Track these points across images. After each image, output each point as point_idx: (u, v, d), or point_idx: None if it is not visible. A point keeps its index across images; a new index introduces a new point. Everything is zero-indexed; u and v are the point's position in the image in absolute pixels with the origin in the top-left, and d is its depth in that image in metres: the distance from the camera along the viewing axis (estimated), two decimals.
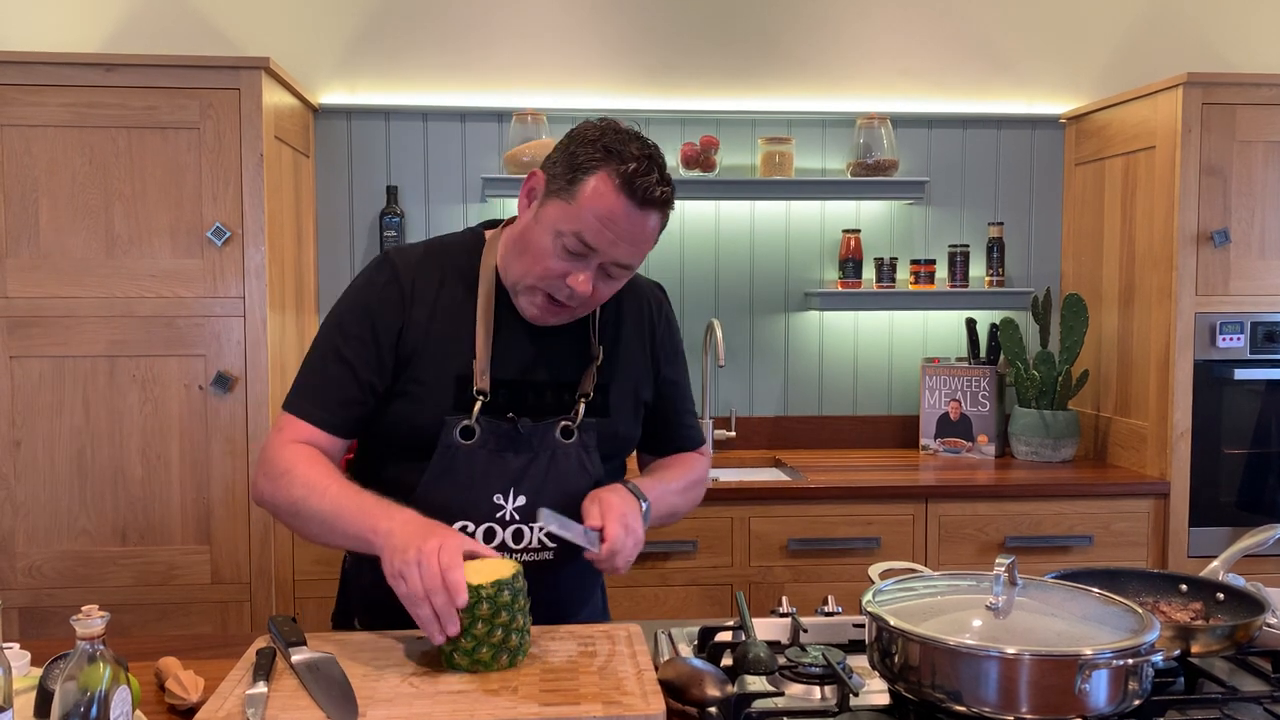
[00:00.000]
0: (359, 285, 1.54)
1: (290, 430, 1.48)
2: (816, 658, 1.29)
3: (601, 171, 1.39)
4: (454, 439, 1.47)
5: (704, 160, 3.08)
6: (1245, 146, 2.74)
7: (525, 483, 1.49)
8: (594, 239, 1.40)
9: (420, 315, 1.50)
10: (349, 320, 1.51)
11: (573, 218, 1.40)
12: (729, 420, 3.25)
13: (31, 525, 2.50)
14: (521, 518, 1.50)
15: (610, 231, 1.40)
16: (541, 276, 1.44)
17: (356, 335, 1.49)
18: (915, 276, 3.20)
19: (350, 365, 1.48)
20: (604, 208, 1.39)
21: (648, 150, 1.42)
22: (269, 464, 1.46)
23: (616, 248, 1.42)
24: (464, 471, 1.47)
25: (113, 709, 1.02)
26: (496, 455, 1.48)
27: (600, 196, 1.39)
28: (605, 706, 1.16)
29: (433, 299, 1.51)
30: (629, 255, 1.44)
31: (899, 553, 2.70)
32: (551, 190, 1.44)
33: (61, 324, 2.48)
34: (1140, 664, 1.11)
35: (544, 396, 1.53)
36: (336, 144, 3.13)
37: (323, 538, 1.43)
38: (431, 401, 1.48)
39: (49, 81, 2.44)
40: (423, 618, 1.25)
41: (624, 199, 1.39)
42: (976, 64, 3.27)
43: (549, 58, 3.16)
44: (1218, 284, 2.75)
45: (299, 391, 1.52)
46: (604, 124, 1.45)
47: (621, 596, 2.64)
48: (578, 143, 1.43)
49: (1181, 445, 2.75)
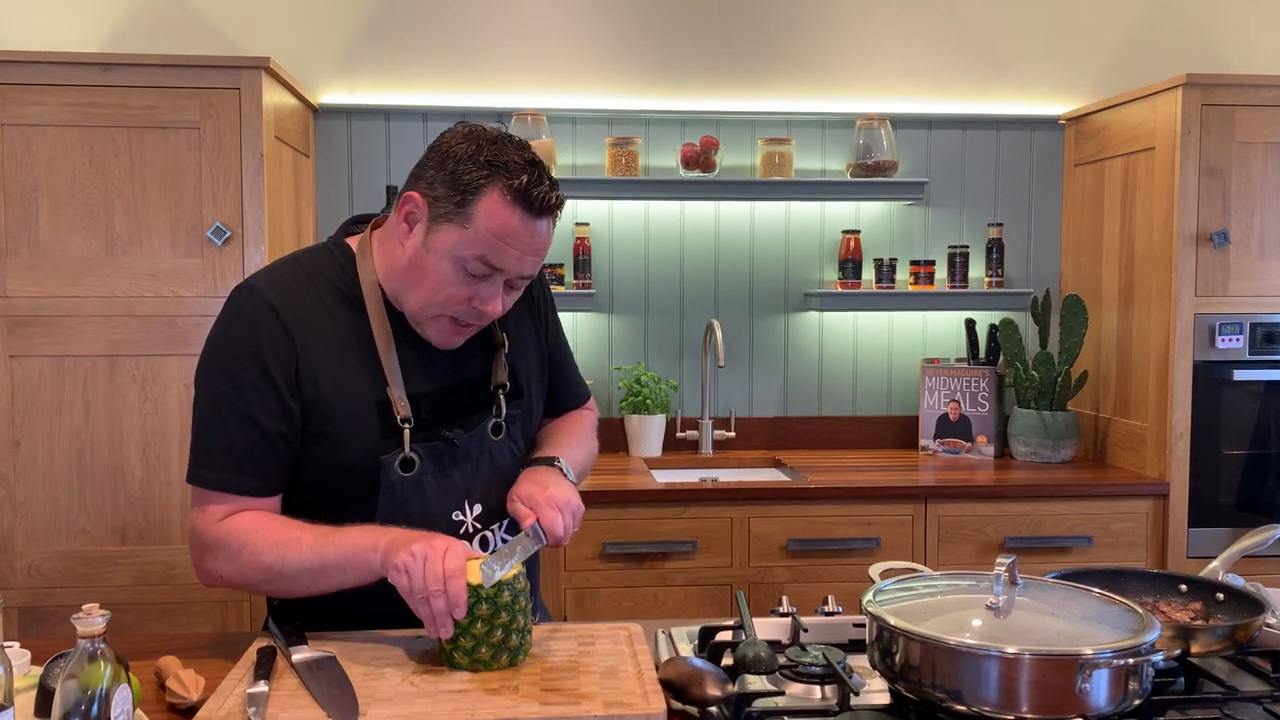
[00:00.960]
0: (232, 324, 1.39)
1: (215, 507, 1.37)
2: (817, 657, 1.29)
3: (492, 189, 1.33)
4: (395, 475, 1.40)
5: (704, 161, 3.08)
6: (1245, 148, 2.74)
7: (475, 491, 1.47)
8: (497, 259, 1.35)
9: (315, 345, 1.38)
10: (234, 368, 1.36)
11: (471, 241, 1.34)
12: (729, 421, 3.25)
13: (31, 525, 2.50)
14: (483, 525, 1.49)
15: (514, 248, 1.35)
16: (445, 304, 1.38)
17: (249, 383, 1.35)
18: (915, 277, 3.20)
19: (252, 419, 1.35)
20: (502, 226, 1.34)
21: (528, 155, 1.37)
22: (217, 546, 1.36)
23: (522, 262, 1.37)
24: (415, 503, 1.42)
25: (113, 708, 1.02)
26: (441, 476, 1.44)
27: (496, 215, 1.33)
28: (606, 706, 1.16)
29: (319, 326, 1.40)
30: (533, 266, 1.40)
31: (898, 553, 2.70)
32: (439, 214, 1.35)
33: (61, 323, 2.48)
34: (1140, 664, 1.11)
35: (463, 398, 1.47)
36: (336, 144, 3.13)
37: (312, 588, 1.35)
38: (355, 439, 1.39)
39: (49, 81, 2.44)
40: (423, 615, 1.25)
41: (520, 213, 1.34)
42: (976, 65, 3.27)
43: (549, 58, 3.16)
44: (1217, 285, 2.75)
45: (203, 461, 1.38)
46: (473, 133, 1.37)
47: (621, 597, 2.64)
48: (455, 160, 1.35)
49: (1181, 446, 2.76)
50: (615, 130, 3.18)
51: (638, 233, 3.23)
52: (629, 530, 2.62)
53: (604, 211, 3.21)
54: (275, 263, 1.49)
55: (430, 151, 1.40)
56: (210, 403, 1.38)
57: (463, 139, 1.37)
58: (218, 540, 1.37)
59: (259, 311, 1.38)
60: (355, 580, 1.33)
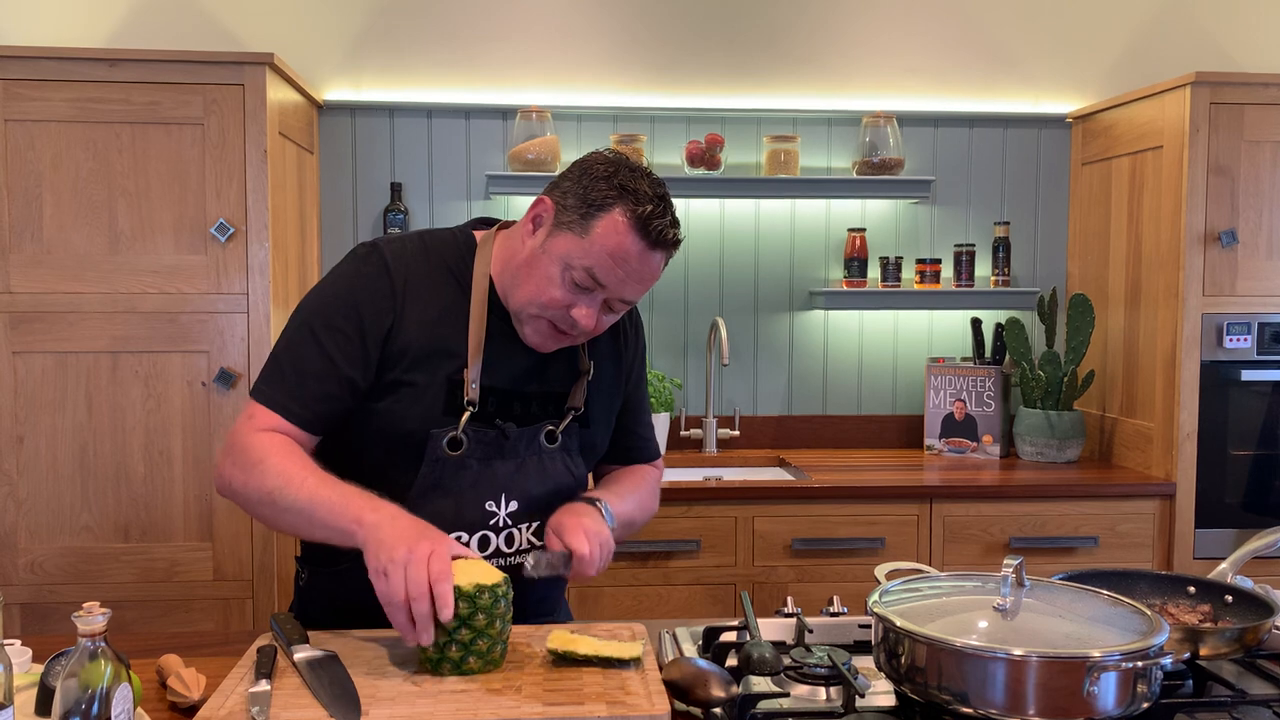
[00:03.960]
0: (345, 274, 1.48)
1: (260, 419, 1.42)
2: (822, 658, 1.28)
3: (616, 210, 1.40)
4: (441, 451, 1.45)
5: (709, 158, 3.07)
6: (1253, 146, 2.72)
7: (515, 488, 1.50)
8: (604, 276, 1.42)
9: (413, 312, 1.46)
10: (333, 310, 1.45)
11: (585, 253, 1.41)
12: (733, 419, 3.25)
13: (33, 521, 2.50)
14: (514, 522, 1.50)
15: (621, 269, 1.41)
16: (545, 306, 1.44)
17: (340, 328, 1.43)
18: (921, 276, 3.19)
19: (331, 359, 1.43)
20: (618, 246, 1.40)
21: (660, 190, 1.44)
22: (240, 453, 1.40)
23: (625, 286, 1.44)
24: (453, 483, 1.46)
25: (114, 706, 1.02)
26: (485, 464, 1.48)
27: (614, 235, 1.40)
28: (609, 707, 1.15)
29: (426, 297, 1.47)
30: (635, 293, 1.46)
31: (903, 553, 2.69)
32: (562, 222, 1.43)
33: (65, 319, 2.47)
34: (1149, 666, 1.10)
35: (530, 407, 1.52)
36: (340, 140, 3.12)
37: (298, 529, 1.39)
38: (421, 405, 1.44)
39: (53, 76, 2.44)
40: (399, 622, 1.23)
41: (638, 239, 1.40)
42: (983, 63, 3.26)
43: (554, 55, 3.15)
44: (1225, 284, 2.74)
45: (272, 380, 1.45)
46: (616, 159, 1.46)
47: (625, 596, 2.63)
48: (591, 177, 1.43)
49: (1188, 446, 2.74)
50: (620, 127, 3.17)
51: None
52: None
53: None
54: (404, 233, 1.59)
55: (573, 165, 1.49)
56: (298, 332, 1.46)
57: (604, 161, 1.45)
58: (244, 447, 1.40)
59: (372, 265, 1.47)
60: (338, 542, 1.33)
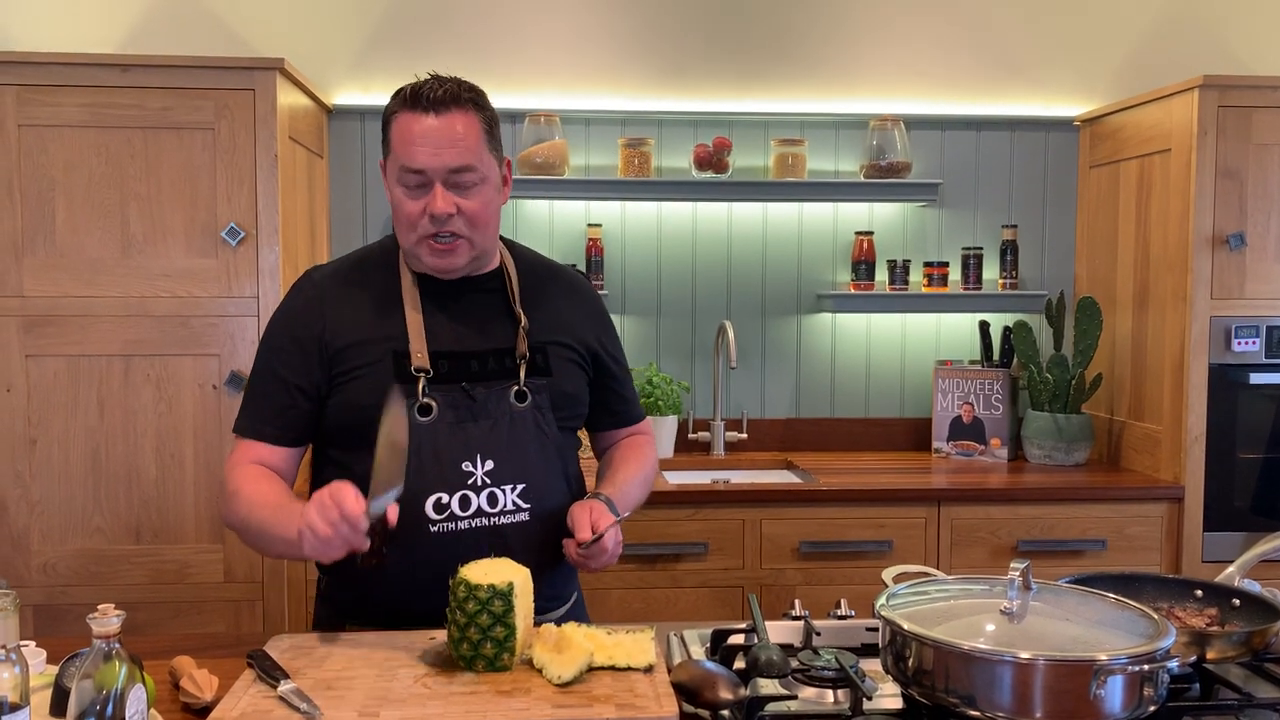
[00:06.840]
0: (280, 307, 1.64)
1: (240, 452, 1.57)
2: (829, 661, 1.28)
3: (395, 111, 1.53)
4: (411, 419, 1.50)
5: (717, 162, 3.08)
6: (1261, 149, 2.72)
7: (489, 448, 1.54)
8: (410, 160, 1.49)
9: (343, 313, 1.57)
10: (273, 337, 1.60)
11: (394, 161, 1.52)
12: (740, 422, 3.25)
13: (46, 523, 2.51)
14: (493, 481, 1.53)
15: (419, 146, 1.49)
16: (411, 225, 1.52)
17: (281, 347, 1.57)
18: (928, 279, 3.19)
19: (279, 375, 1.56)
20: (404, 132, 1.50)
21: (440, 76, 1.53)
22: (223, 487, 1.56)
23: (437, 157, 1.49)
24: (428, 447, 1.51)
25: (128, 707, 1.03)
26: (457, 427, 1.53)
27: (399, 127, 1.51)
28: (618, 709, 1.16)
29: (356, 296, 1.58)
30: (454, 158, 1.49)
31: (911, 556, 2.69)
32: (384, 157, 1.56)
33: (77, 323, 2.49)
34: (1156, 670, 1.11)
35: (486, 363, 1.58)
36: (350, 144, 3.14)
37: (274, 551, 1.51)
38: (371, 382, 1.53)
39: (66, 82, 2.45)
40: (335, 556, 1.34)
41: (412, 113, 1.50)
42: (990, 66, 3.26)
43: (562, 60, 3.16)
44: (1233, 287, 2.73)
45: (243, 412, 1.60)
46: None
47: (633, 598, 2.64)
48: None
49: (1196, 449, 2.74)
50: (628, 131, 3.18)
51: (650, 234, 3.23)
52: (641, 531, 2.62)
53: (616, 212, 3.21)
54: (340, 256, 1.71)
55: None
56: (254, 369, 1.62)
57: None
58: (225, 482, 1.55)
59: (297, 289, 1.62)
60: (295, 557, 1.47)
